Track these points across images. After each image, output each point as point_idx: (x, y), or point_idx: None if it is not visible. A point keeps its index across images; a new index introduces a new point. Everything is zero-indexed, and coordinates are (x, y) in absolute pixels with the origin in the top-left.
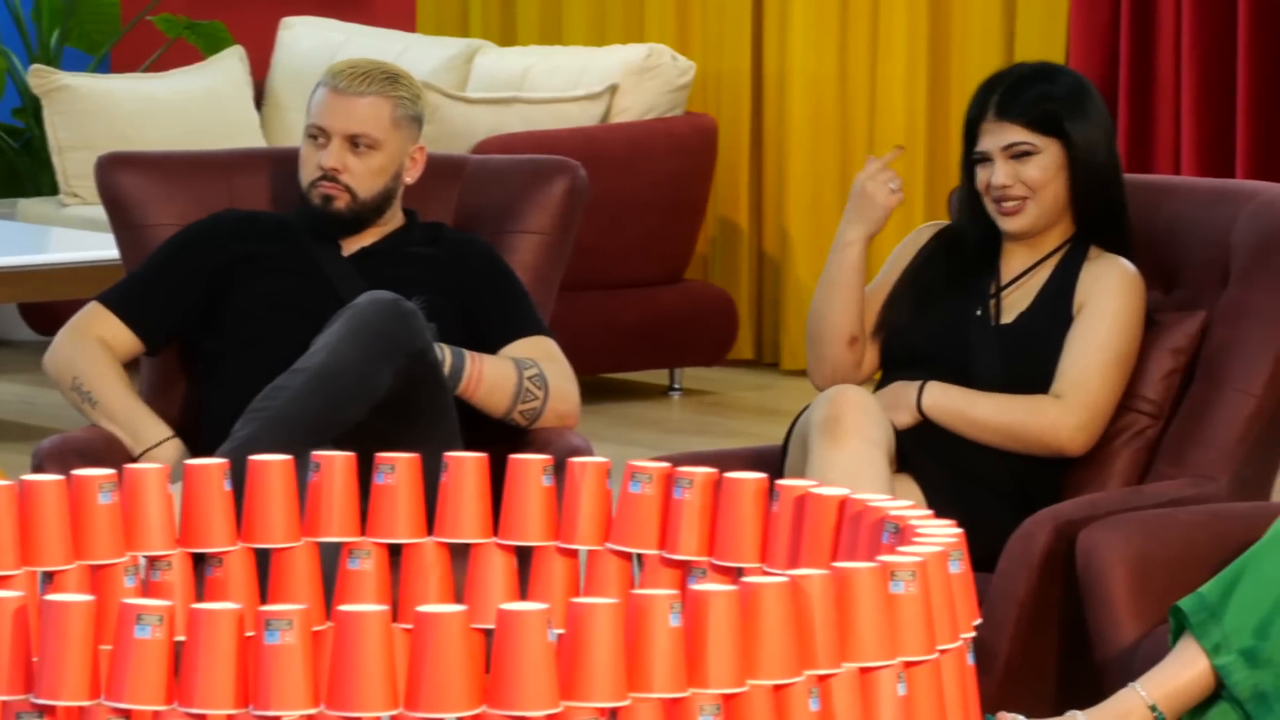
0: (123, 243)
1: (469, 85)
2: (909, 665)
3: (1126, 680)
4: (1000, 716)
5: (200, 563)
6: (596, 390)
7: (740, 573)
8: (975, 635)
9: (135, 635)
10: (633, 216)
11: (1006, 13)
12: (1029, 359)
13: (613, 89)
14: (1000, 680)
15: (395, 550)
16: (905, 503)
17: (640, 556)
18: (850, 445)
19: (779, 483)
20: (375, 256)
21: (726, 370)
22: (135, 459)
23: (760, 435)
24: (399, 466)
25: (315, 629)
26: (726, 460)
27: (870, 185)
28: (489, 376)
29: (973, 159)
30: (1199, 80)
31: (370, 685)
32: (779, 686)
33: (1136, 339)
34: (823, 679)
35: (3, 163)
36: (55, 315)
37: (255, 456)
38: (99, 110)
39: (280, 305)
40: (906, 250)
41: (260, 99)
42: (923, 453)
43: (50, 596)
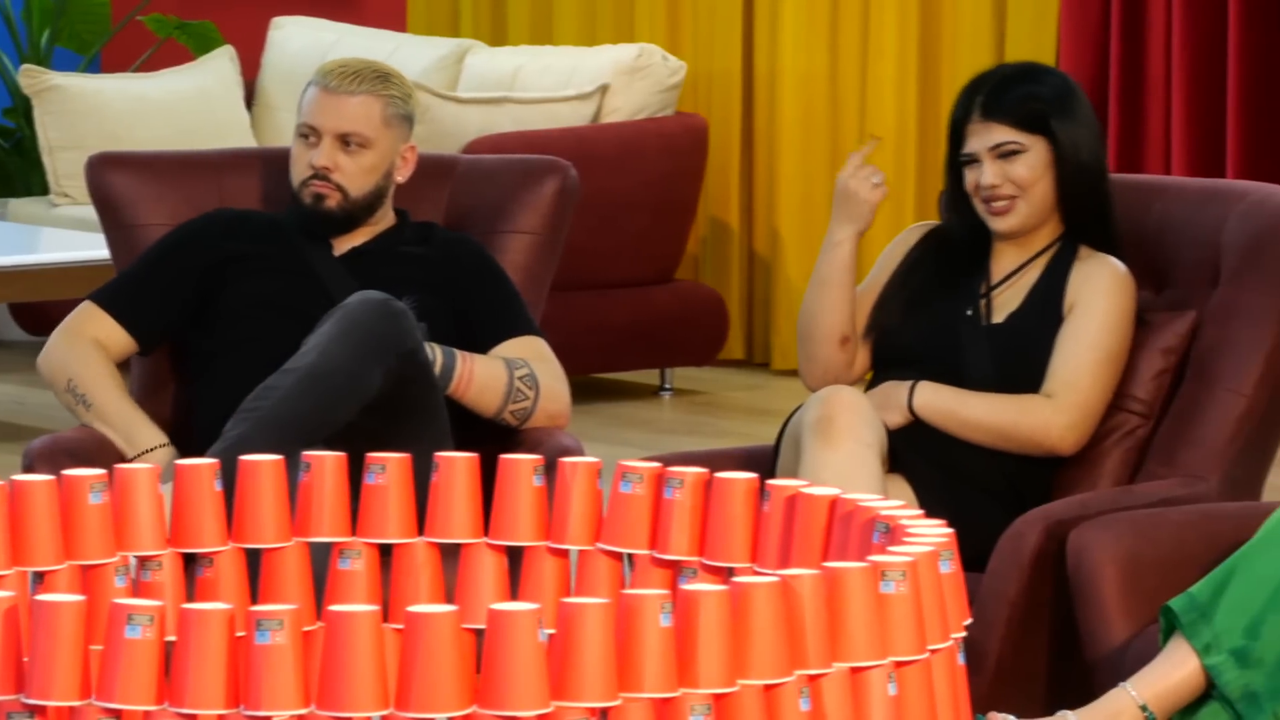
0: (113, 243)
1: (460, 85)
2: (900, 665)
3: (1117, 680)
4: (991, 717)
5: (191, 563)
6: (587, 390)
7: (731, 573)
8: (966, 635)
9: (126, 635)
10: (624, 216)
11: (997, 13)
12: (1019, 358)
13: (603, 89)
14: (991, 680)
15: (386, 550)
16: (896, 502)
17: (631, 556)
18: (843, 446)
19: (770, 483)
20: (366, 256)
21: (717, 370)
22: (128, 463)
23: (751, 435)
24: (389, 466)
25: (306, 629)
26: (717, 460)
27: (853, 183)
28: (480, 376)
29: (959, 160)
30: (1189, 80)
31: (361, 685)
32: (770, 686)
33: (1127, 338)
34: (813, 679)
35: None
36: (46, 315)
37: (246, 456)
38: (89, 110)
39: (271, 305)
40: (896, 250)
41: (251, 99)
42: (914, 453)
43: (41, 597)
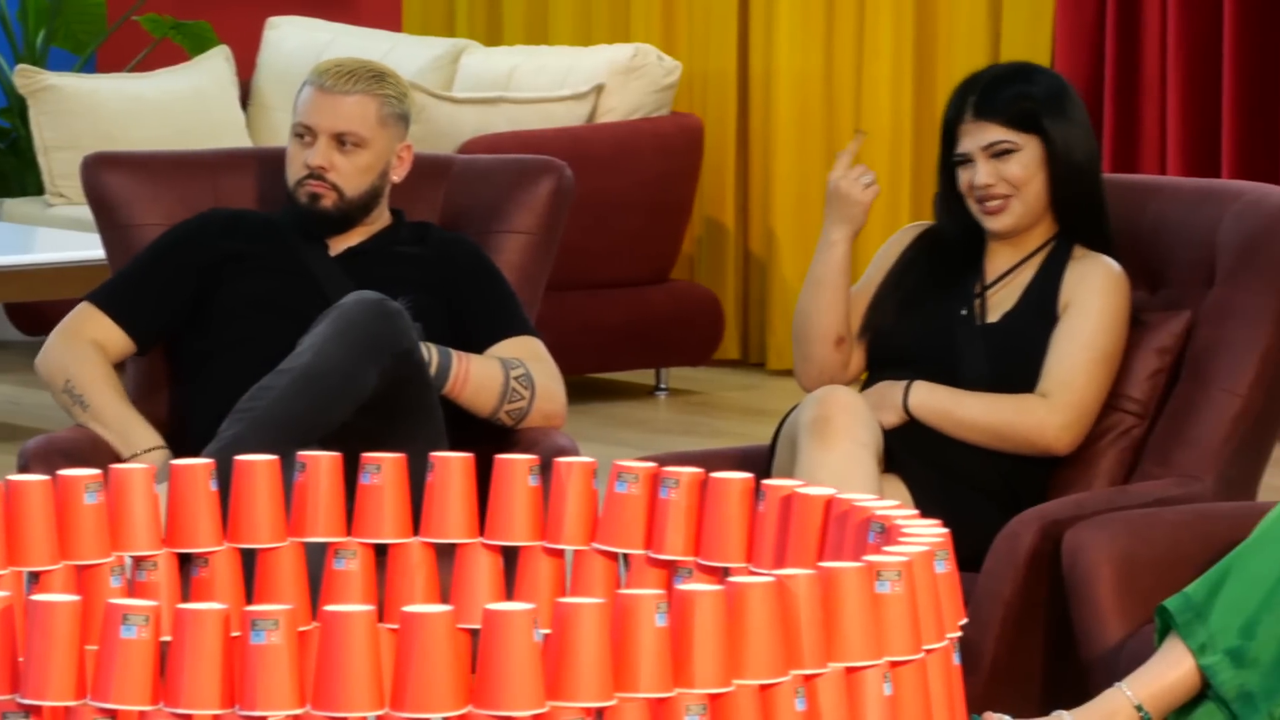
0: (108, 243)
1: (455, 85)
2: (895, 665)
3: (1112, 680)
4: (986, 716)
5: (186, 563)
6: (582, 390)
7: (726, 572)
8: (961, 635)
9: (121, 635)
10: (619, 216)
11: (992, 13)
12: (1014, 358)
13: (599, 89)
14: (986, 680)
15: (381, 550)
16: (891, 502)
17: (626, 556)
18: (840, 446)
19: (765, 482)
20: (362, 256)
21: (712, 370)
22: (123, 463)
23: (746, 435)
24: (385, 466)
25: (301, 629)
26: (712, 460)
27: (844, 184)
28: (475, 376)
29: (952, 161)
30: (1184, 80)
31: (356, 685)
32: (765, 686)
33: (1122, 338)
34: (809, 679)
35: None
36: (41, 315)
37: (241, 457)
38: (85, 110)
39: (267, 305)
40: (891, 251)
41: (246, 99)
42: (909, 453)
43: (36, 597)
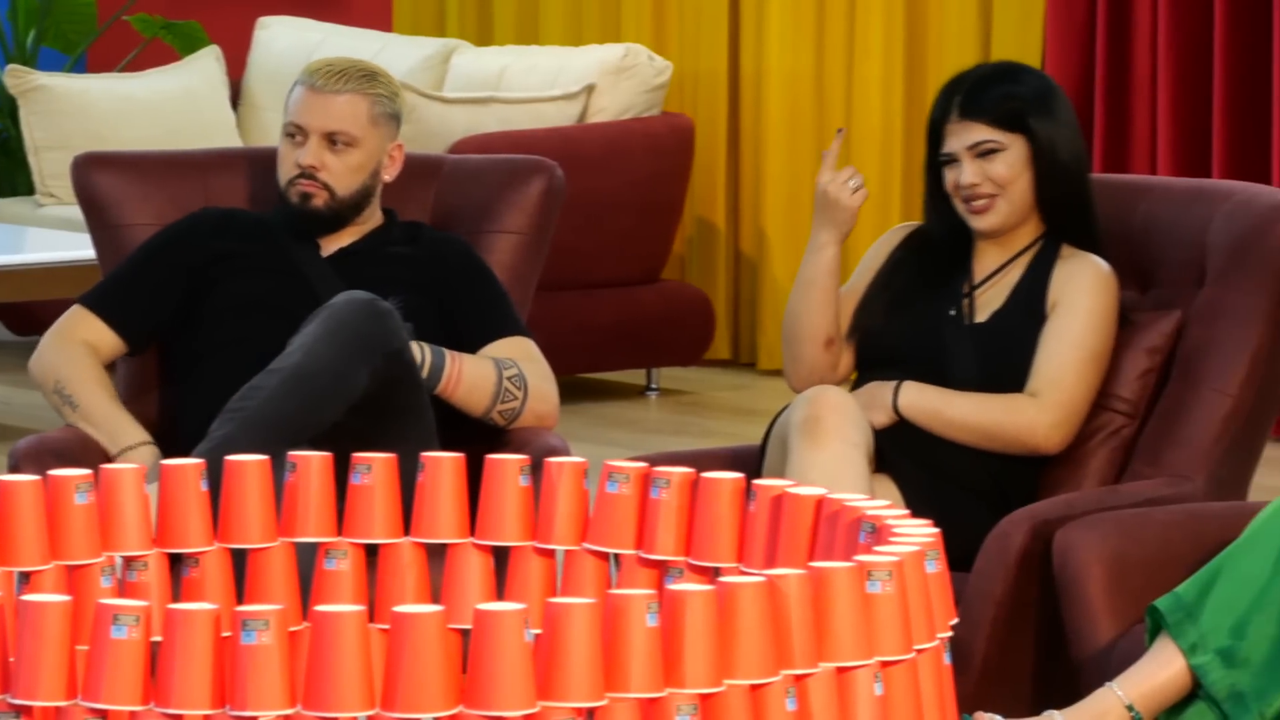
0: (99, 243)
1: (445, 85)
2: (886, 665)
3: (1103, 680)
4: (977, 716)
5: (177, 563)
6: (573, 390)
7: (717, 572)
8: (952, 635)
9: (112, 635)
10: (609, 216)
11: (983, 13)
12: (1003, 358)
13: (589, 89)
14: (977, 680)
15: (372, 550)
16: (882, 502)
17: (617, 556)
18: (830, 446)
19: (756, 482)
20: (354, 256)
21: (703, 370)
22: (112, 460)
23: (737, 435)
24: (375, 467)
25: (292, 629)
26: (703, 460)
27: (832, 189)
28: (468, 376)
29: (938, 161)
30: (1175, 80)
31: (347, 685)
32: (756, 686)
33: (1111, 336)
34: (800, 679)
35: None
36: (32, 316)
37: (232, 457)
38: (75, 110)
39: (258, 305)
40: (879, 251)
41: (236, 99)
42: (900, 453)
43: (27, 597)
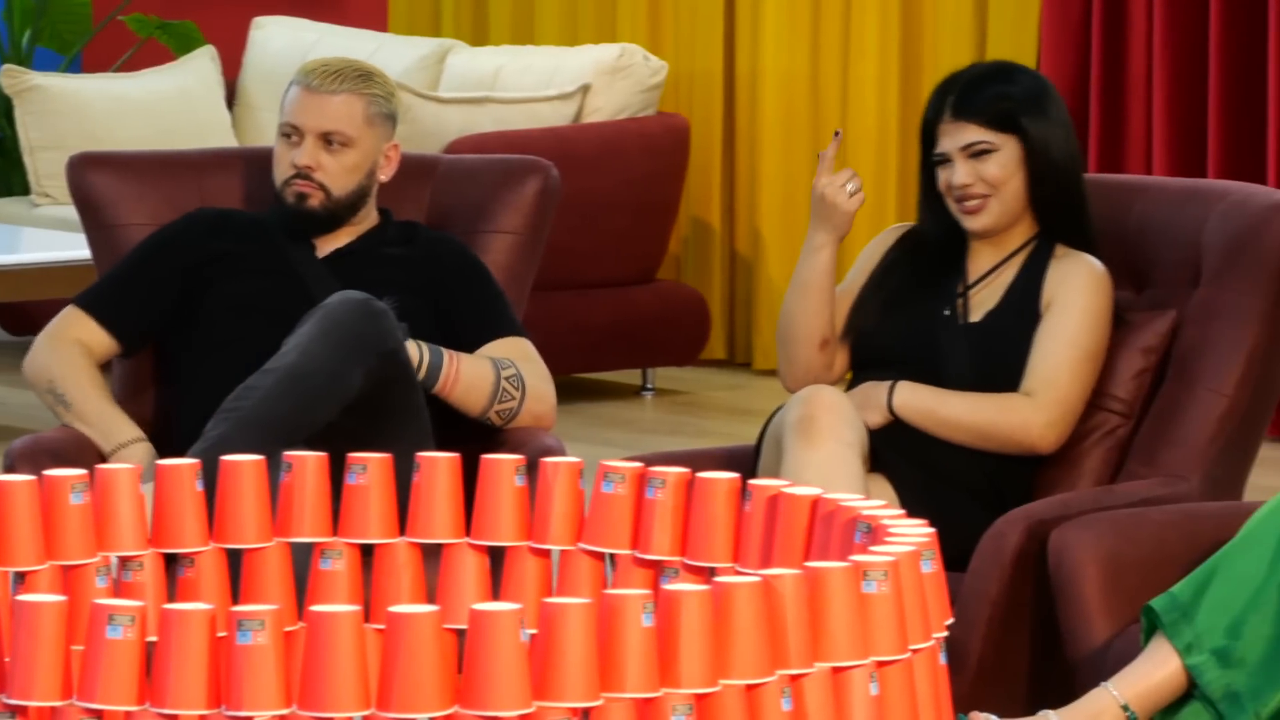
0: (94, 243)
1: (441, 85)
2: (881, 665)
3: (1098, 680)
4: (973, 716)
5: (172, 563)
6: (569, 390)
7: (713, 572)
8: (947, 635)
9: (107, 635)
10: (605, 216)
11: (978, 12)
12: (997, 357)
13: (585, 89)
14: (972, 680)
15: (367, 550)
16: (877, 502)
17: (613, 556)
18: (825, 446)
19: (751, 482)
20: (350, 257)
21: (699, 370)
22: (106, 458)
23: (733, 435)
24: (371, 467)
25: (287, 629)
26: (699, 460)
27: (829, 192)
28: (466, 375)
29: (932, 160)
30: (1170, 80)
31: (342, 685)
32: (751, 686)
33: (1105, 336)
34: (795, 679)
35: None
36: (27, 315)
37: (227, 457)
38: (70, 110)
39: (253, 307)
40: (874, 252)
41: (232, 99)
42: (895, 453)
43: (22, 597)
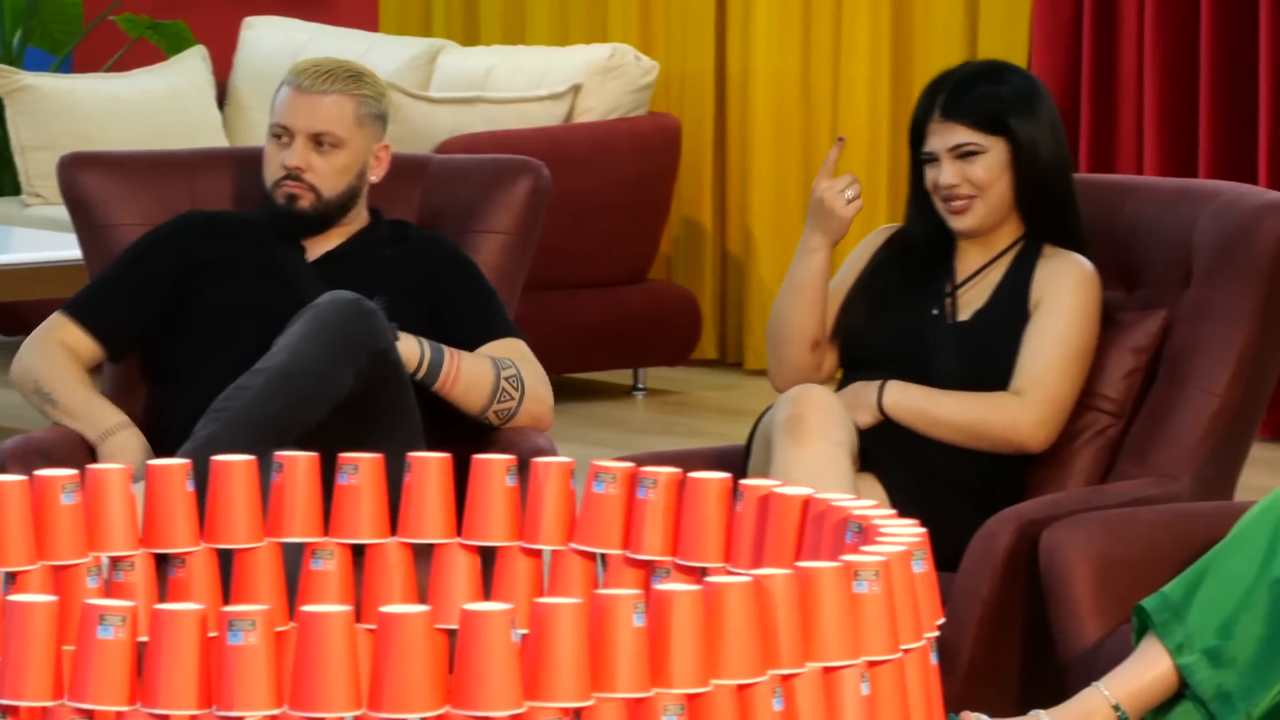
0: (85, 243)
1: (432, 85)
2: (872, 665)
3: (1090, 680)
4: (964, 716)
5: (163, 563)
6: (560, 390)
7: (704, 572)
8: (938, 635)
9: (98, 636)
10: (596, 216)
11: (969, 12)
12: (986, 356)
13: (576, 89)
14: (963, 680)
15: (358, 550)
16: (868, 502)
17: (604, 556)
18: (814, 445)
19: (743, 482)
20: (340, 260)
21: (690, 370)
22: (93, 447)
23: (724, 435)
24: (362, 467)
25: (278, 629)
26: (690, 460)
27: (827, 197)
28: (467, 373)
29: (920, 159)
30: (1161, 80)
31: (333, 686)
32: (743, 686)
33: (1094, 334)
34: (786, 679)
35: None
36: (18, 315)
37: (218, 457)
38: (61, 110)
39: (243, 311)
40: (863, 252)
41: (223, 99)
42: (886, 452)
43: (13, 597)
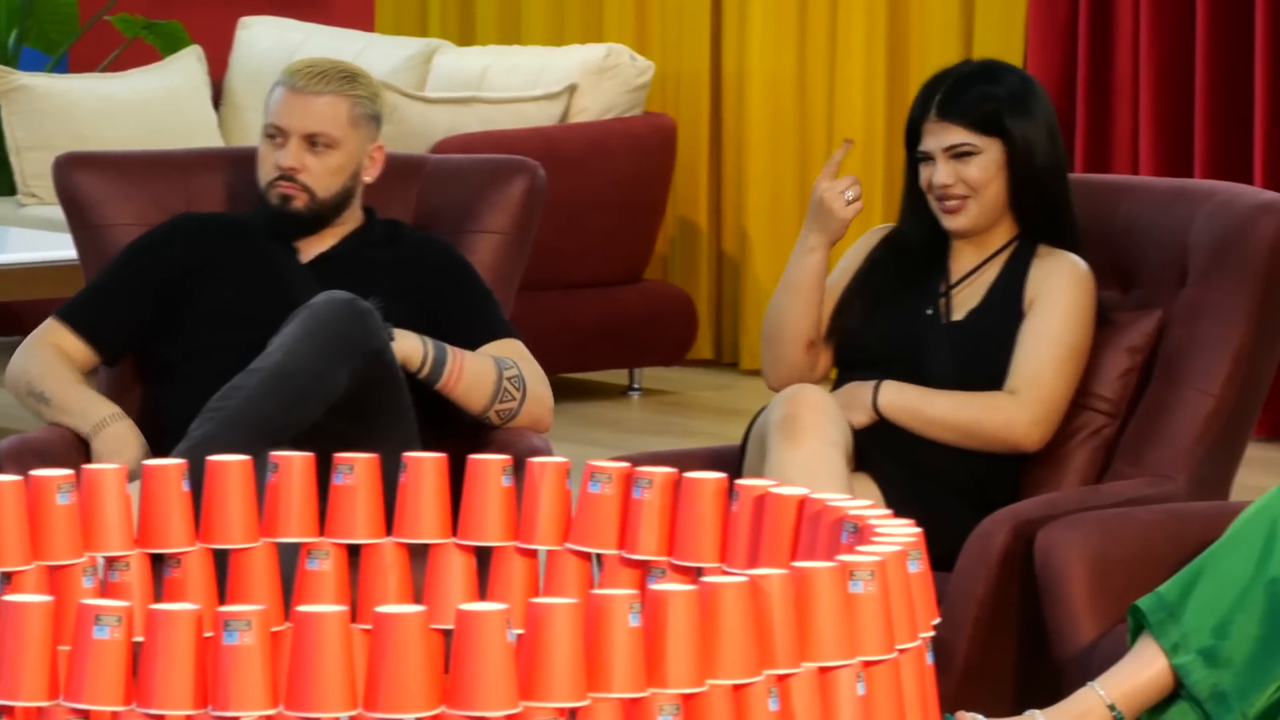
0: (80, 243)
1: (427, 85)
2: (868, 665)
3: (1085, 679)
4: (959, 716)
5: (159, 563)
6: (555, 390)
7: (700, 572)
8: (934, 635)
9: (94, 636)
10: (592, 216)
11: (965, 12)
12: (980, 356)
13: (571, 89)
14: (959, 679)
15: (354, 551)
16: (864, 502)
17: (600, 556)
18: (808, 445)
19: (738, 482)
20: (334, 262)
21: (686, 370)
22: (87, 441)
23: (719, 435)
24: (358, 467)
25: (274, 629)
26: (686, 460)
27: (828, 197)
28: (469, 373)
29: (916, 157)
30: (1157, 80)
31: (329, 686)
32: (738, 686)
33: (1088, 334)
34: (782, 679)
35: None
36: (13, 316)
37: (214, 457)
38: (57, 110)
39: (237, 313)
40: (858, 252)
41: (218, 99)
42: (881, 452)
43: (9, 597)
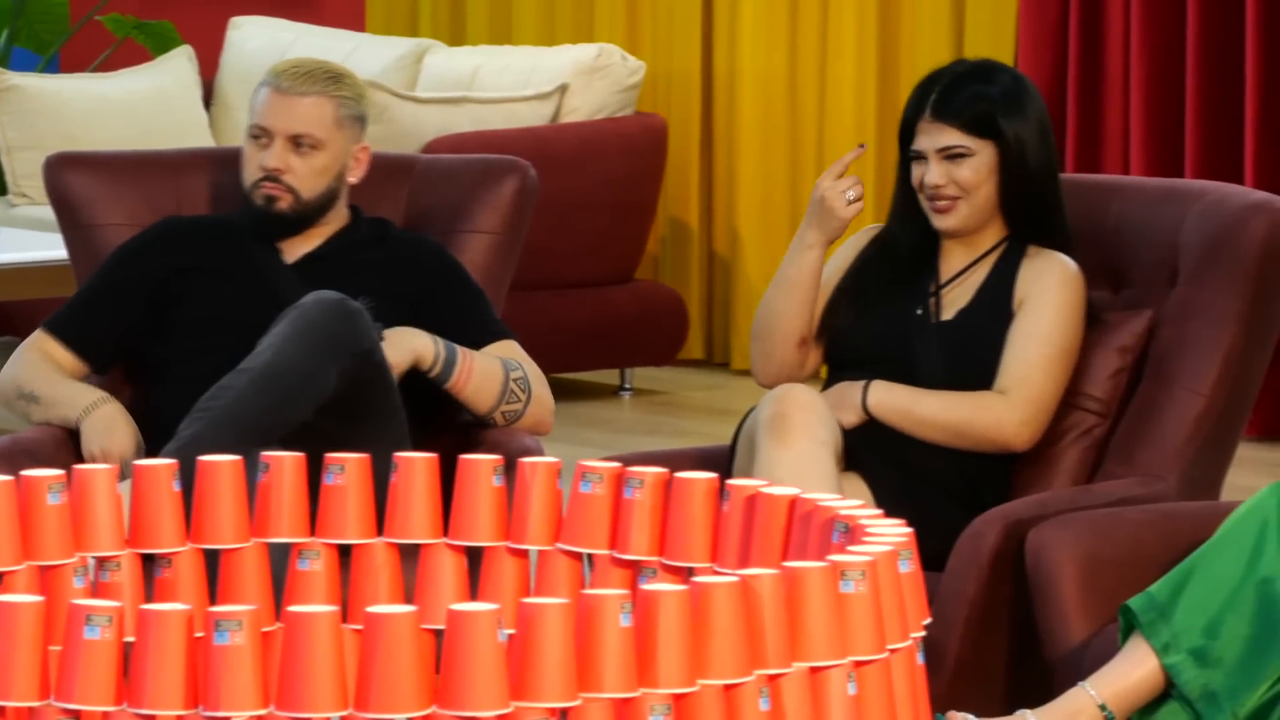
0: (71, 243)
1: (418, 85)
2: (859, 665)
3: (1076, 679)
4: (950, 716)
5: (149, 563)
6: None
7: (691, 572)
8: (925, 634)
9: (84, 636)
10: (583, 216)
11: (956, 12)
12: (970, 355)
13: (562, 89)
14: (950, 679)
15: (345, 551)
16: (855, 502)
17: (591, 556)
18: (797, 444)
19: (729, 482)
20: (321, 263)
21: (677, 370)
22: (77, 429)
23: (710, 435)
24: (348, 467)
25: (265, 630)
26: (677, 460)
27: (829, 195)
28: (478, 373)
29: (908, 156)
30: (1148, 79)
31: (320, 686)
32: (729, 686)
33: (1078, 334)
34: (773, 678)
35: None
36: (4, 316)
37: (205, 457)
38: (48, 110)
39: (224, 315)
40: (848, 252)
41: (209, 99)
42: (871, 452)
43: None
